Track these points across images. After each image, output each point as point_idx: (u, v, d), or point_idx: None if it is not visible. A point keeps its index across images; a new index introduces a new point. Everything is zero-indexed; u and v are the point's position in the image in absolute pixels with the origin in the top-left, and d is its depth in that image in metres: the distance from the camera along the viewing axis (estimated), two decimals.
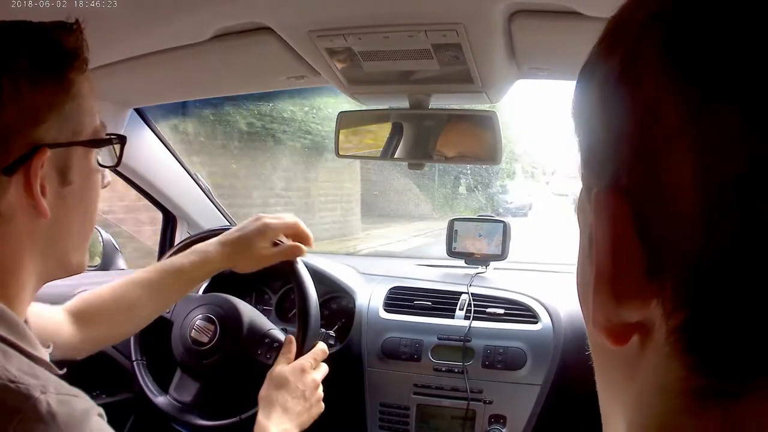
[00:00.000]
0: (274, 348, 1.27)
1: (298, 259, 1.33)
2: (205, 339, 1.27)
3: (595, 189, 0.28)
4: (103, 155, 0.68)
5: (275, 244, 1.08)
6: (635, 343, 0.27)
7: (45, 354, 0.58)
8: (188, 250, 1.05)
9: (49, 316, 0.89)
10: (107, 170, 0.69)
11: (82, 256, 0.67)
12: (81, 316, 0.95)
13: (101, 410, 0.55)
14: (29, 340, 0.56)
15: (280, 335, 1.31)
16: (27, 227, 0.58)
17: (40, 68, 0.58)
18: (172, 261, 1.02)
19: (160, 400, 1.29)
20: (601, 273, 0.27)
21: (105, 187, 0.70)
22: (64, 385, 0.53)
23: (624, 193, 0.26)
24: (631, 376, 0.28)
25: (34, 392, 0.49)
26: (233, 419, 1.22)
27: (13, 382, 0.50)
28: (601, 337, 0.28)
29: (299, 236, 1.11)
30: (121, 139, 0.70)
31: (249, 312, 1.32)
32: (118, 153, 0.70)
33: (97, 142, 0.65)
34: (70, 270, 0.66)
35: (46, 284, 0.64)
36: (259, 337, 1.28)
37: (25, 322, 0.60)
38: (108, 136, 0.67)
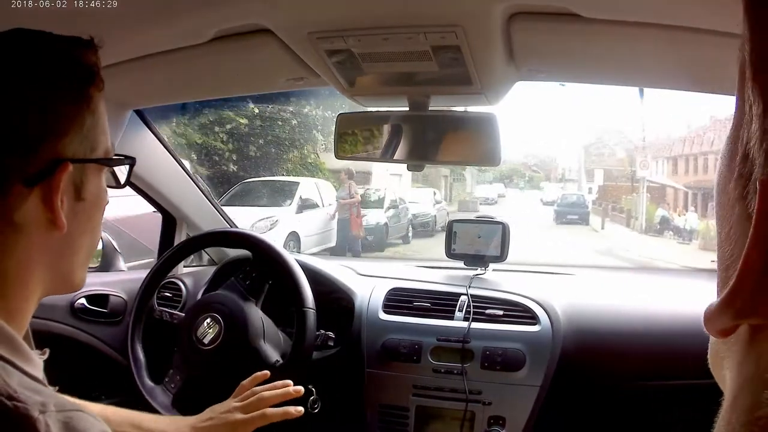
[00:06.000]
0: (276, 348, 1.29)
1: (292, 260, 1.34)
2: (210, 339, 1.27)
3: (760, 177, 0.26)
4: (107, 174, 0.68)
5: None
6: (744, 329, 0.28)
7: (39, 366, 0.57)
8: (163, 423, 0.99)
9: None
10: (107, 190, 0.69)
11: (84, 273, 0.67)
12: None
13: (106, 428, 0.53)
14: (26, 356, 0.55)
15: (284, 337, 1.32)
16: (39, 239, 0.58)
17: (64, 81, 0.58)
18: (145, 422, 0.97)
19: (161, 402, 1.29)
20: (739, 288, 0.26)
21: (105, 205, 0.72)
22: (67, 402, 0.52)
23: None
24: (741, 360, 0.29)
25: (33, 412, 0.48)
26: None
27: (12, 398, 0.48)
28: (710, 333, 0.28)
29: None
30: (131, 161, 0.70)
31: (253, 312, 1.33)
32: (126, 173, 0.71)
33: (112, 161, 0.65)
34: (71, 287, 0.66)
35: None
36: (263, 337, 1.29)
37: (27, 333, 0.60)
38: (118, 156, 0.67)
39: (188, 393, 1.31)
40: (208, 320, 1.29)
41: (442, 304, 1.49)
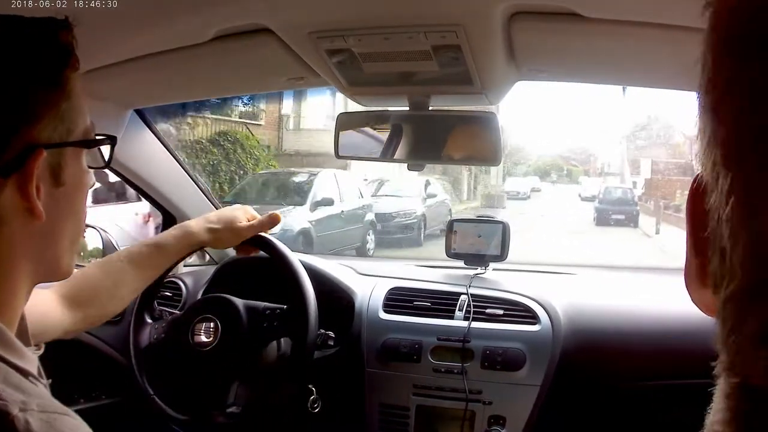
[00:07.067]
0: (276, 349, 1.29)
1: (295, 258, 1.34)
2: (208, 340, 1.27)
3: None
4: (89, 155, 0.66)
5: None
6: None
7: (33, 361, 0.56)
8: (172, 227, 1.14)
9: (38, 301, 0.83)
10: (91, 171, 0.67)
11: (72, 259, 0.65)
12: (74, 299, 0.96)
13: None
14: (17, 350, 0.54)
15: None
16: (20, 230, 0.56)
17: (37, 65, 0.56)
18: (155, 237, 1.11)
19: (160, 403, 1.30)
20: (689, 266, 0.31)
21: (90, 188, 0.69)
22: (53, 403, 0.50)
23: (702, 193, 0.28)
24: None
25: (12, 409, 0.46)
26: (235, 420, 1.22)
27: None
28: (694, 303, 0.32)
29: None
30: (112, 140, 0.68)
31: (249, 309, 1.33)
32: (108, 153, 0.69)
33: (91, 143, 0.63)
34: (59, 274, 0.64)
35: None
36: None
37: (24, 330, 0.59)
38: (99, 136, 0.65)
39: (181, 392, 1.31)
40: (206, 323, 1.29)
41: (442, 303, 1.49)
